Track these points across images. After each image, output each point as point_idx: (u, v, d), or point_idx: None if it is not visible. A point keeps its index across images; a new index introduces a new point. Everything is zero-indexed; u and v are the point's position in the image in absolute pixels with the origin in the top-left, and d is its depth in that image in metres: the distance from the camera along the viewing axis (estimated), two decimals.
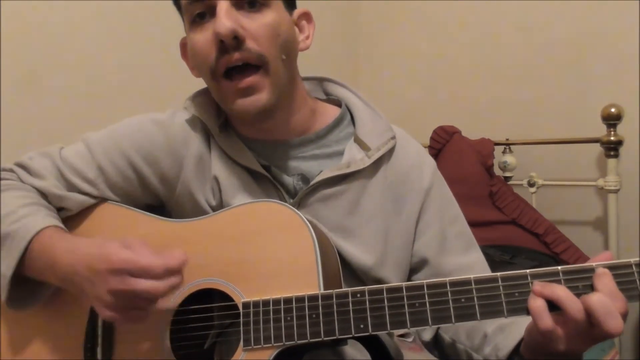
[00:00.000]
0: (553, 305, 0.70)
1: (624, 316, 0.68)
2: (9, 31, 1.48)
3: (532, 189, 2.02)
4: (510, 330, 0.85)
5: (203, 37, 0.87)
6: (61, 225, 0.91)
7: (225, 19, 0.83)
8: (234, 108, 0.89)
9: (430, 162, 1.02)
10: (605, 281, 0.69)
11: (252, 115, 0.89)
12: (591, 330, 0.69)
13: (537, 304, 0.70)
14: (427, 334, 0.97)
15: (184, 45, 0.96)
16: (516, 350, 0.83)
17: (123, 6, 1.72)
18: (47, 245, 0.85)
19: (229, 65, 0.86)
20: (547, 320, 0.69)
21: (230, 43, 0.84)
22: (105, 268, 0.76)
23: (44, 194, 0.96)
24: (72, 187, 0.96)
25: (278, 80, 0.89)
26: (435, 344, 0.98)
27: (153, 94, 1.76)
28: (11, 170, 0.99)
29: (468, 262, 0.97)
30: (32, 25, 1.54)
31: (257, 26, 0.86)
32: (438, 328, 0.97)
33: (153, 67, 1.77)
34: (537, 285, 0.71)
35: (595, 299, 0.68)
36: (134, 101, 1.74)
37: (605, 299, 0.68)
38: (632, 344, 1.92)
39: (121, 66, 1.73)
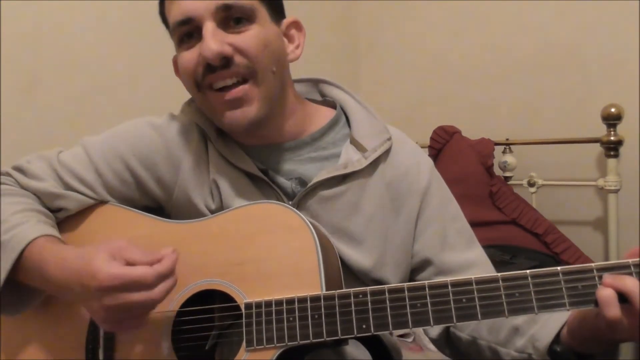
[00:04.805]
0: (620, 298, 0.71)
1: None
2: (9, 33, 1.48)
3: (532, 189, 2.02)
4: (546, 320, 0.85)
5: (190, 56, 0.89)
6: (53, 232, 0.90)
7: (212, 41, 0.85)
8: (224, 121, 0.90)
9: (427, 161, 1.02)
10: None
11: (242, 127, 0.90)
12: None
13: (607, 293, 0.71)
14: (434, 331, 0.97)
15: (176, 63, 0.97)
16: (555, 339, 0.84)
17: (124, 9, 1.72)
18: (37, 259, 0.84)
19: (219, 84, 0.88)
20: (615, 310, 0.70)
21: (217, 64, 0.86)
22: (95, 286, 0.75)
23: (41, 196, 0.95)
24: (70, 190, 0.96)
25: (268, 92, 0.90)
26: (447, 342, 0.98)
27: (153, 97, 1.75)
28: (8, 174, 0.99)
29: (471, 258, 0.97)
30: (32, 27, 1.54)
31: (243, 40, 0.87)
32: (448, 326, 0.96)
33: (153, 71, 1.76)
34: (608, 277, 0.72)
35: None
36: (134, 104, 1.74)
37: None
38: (632, 344, 1.92)
39: (121, 69, 1.72)
